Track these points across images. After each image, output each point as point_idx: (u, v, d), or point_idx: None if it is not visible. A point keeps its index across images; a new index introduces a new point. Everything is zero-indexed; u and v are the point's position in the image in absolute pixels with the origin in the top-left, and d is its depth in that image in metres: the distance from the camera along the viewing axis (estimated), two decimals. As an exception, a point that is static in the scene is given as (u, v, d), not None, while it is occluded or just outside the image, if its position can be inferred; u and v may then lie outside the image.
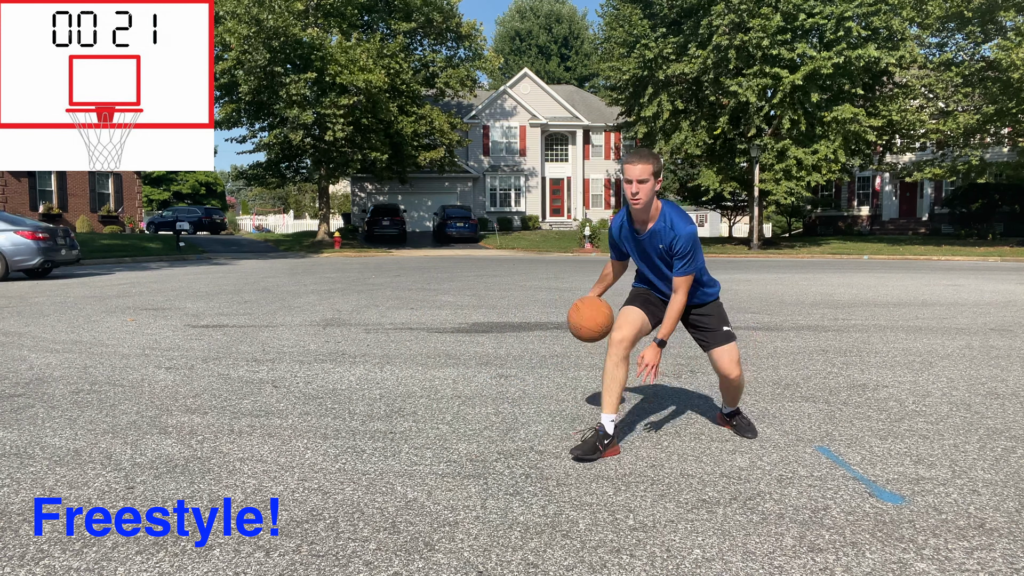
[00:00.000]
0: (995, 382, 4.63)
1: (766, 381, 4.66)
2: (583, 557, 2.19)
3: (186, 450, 3.22)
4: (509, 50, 61.16)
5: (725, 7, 26.13)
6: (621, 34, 29.74)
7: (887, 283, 12.82)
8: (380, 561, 2.16)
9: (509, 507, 2.58)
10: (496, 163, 42.11)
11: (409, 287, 11.88)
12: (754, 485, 2.79)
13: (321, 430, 3.53)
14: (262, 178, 33.28)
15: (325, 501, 2.63)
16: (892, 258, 24.40)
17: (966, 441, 3.36)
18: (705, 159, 31.00)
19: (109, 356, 5.54)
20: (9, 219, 14.01)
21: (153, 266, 19.00)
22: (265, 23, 24.94)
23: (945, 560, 2.17)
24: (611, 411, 3.11)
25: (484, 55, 33.54)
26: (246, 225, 60.41)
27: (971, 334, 6.68)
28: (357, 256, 26.11)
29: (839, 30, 25.55)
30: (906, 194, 39.54)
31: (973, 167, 28.78)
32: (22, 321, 7.59)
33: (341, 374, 4.88)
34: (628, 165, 3.03)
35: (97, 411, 3.89)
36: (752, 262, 22.07)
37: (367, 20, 31.91)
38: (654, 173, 3.00)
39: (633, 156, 3.03)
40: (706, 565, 2.14)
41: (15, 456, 3.14)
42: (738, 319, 7.77)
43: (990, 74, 26.96)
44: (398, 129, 29.96)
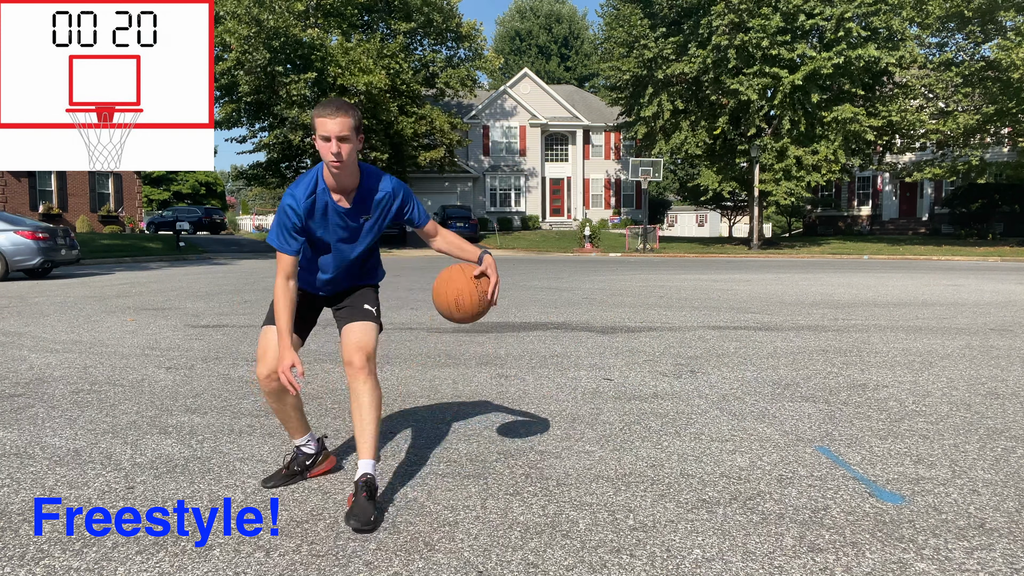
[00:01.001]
0: (995, 382, 4.63)
1: (766, 381, 4.66)
2: (583, 557, 2.19)
3: (186, 450, 3.22)
4: (509, 50, 61.16)
5: (725, 7, 26.15)
6: (621, 34, 29.76)
7: (887, 283, 12.82)
8: (380, 561, 2.16)
9: (509, 507, 2.58)
10: (496, 163, 42.11)
11: (409, 287, 11.88)
12: (754, 485, 2.79)
13: (321, 430, 3.53)
14: (262, 178, 33.30)
15: (325, 501, 2.63)
16: (892, 258, 24.40)
17: (966, 441, 3.36)
18: (705, 159, 31.03)
19: (109, 356, 5.54)
20: (9, 219, 14.01)
21: (153, 266, 19.00)
22: (265, 23, 24.95)
23: (945, 560, 2.17)
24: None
25: (484, 55, 33.55)
26: (246, 225, 60.40)
27: (971, 334, 6.68)
28: (357, 256, 26.08)
29: (839, 30, 25.56)
30: (906, 194, 39.55)
31: (973, 167, 28.79)
32: (22, 321, 7.59)
33: (341, 374, 4.88)
34: (328, 119, 2.40)
35: (97, 411, 3.89)
36: (752, 262, 22.07)
37: (367, 20, 31.93)
38: (355, 128, 2.45)
39: (331, 105, 2.43)
40: (706, 565, 2.14)
41: (15, 456, 3.14)
42: (738, 319, 7.77)
43: (990, 74, 26.96)
44: (398, 129, 29.99)
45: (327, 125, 2.40)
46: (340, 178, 2.51)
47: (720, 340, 6.28)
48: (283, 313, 2.53)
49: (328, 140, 2.40)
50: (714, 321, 7.59)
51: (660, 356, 5.56)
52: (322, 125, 2.40)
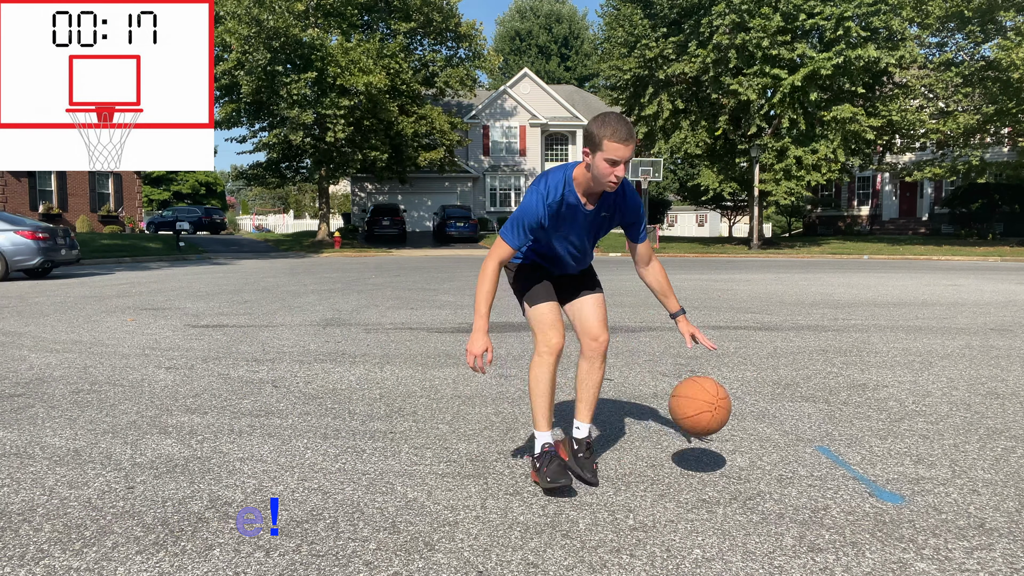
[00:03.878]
0: (995, 382, 4.63)
1: (766, 381, 4.66)
2: (583, 557, 2.19)
3: (186, 450, 3.22)
4: (509, 50, 61.15)
5: (726, 7, 26.14)
6: (621, 34, 29.74)
7: (887, 283, 12.82)
8: (380, 561, 2.16)
9: (509, 507, 2.58)
10: (496, 163, 42.10)
11: (409, 287, 11.89)
12: (754, 485, 2.79)
13: (321, 430, 3.53)
14: (262, 178, 33.29)
15: (325, 501, 2.63)
16: (892, 258, 24.40)
17: (966, 441, 3.36)
18: (705, 159, 31.01)
19: (109, 356, 5.54)
20: (9, 219, 14.01)
21: (153, 266, 19.00)
22: (265, 23, 24.94)
23: (945, 560, 2.17)
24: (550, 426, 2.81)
25: (484, 55, 33.53)
26: (246, 225, 60.42)
27: (971, 334, 6.68)
28: (357, 256, 26.11)
29: (839, 30, 25.56)
30: (906, 194, 39.55)
31: (973, 167, 28.78)
32: (22, 321, 7.59)
33: (341, 374, 4.88)
34: (622, 145, 2.40)
35: (97, 411, 3.89)
36: (752, 262, 22.07)
37: (367, 20, 31.91)
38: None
39: (624, 130, 2.41)
40: (706, 565, 2.14)
41: (15, 456, 3.14)
42: (738, 319, 7.77)
43: (990, 74, 26.96)
44: (399, 129, 29.98)
45: (620, 151, 2.41)
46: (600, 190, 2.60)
47: (720, 340, 6.28)
48: (486, 298, 2.62)
49: (616, 164, 2.43)
50: (714, 321, 7.59)
51: (660, 356, 5.56)
52: (615, 150, 2.41)
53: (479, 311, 2.60)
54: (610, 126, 2.41)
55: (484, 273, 2.63)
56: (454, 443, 3.33)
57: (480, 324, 2.58)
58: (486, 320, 2.58)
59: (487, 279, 2.62)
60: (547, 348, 2.72)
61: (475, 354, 2.53)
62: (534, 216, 2.58)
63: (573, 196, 2.60)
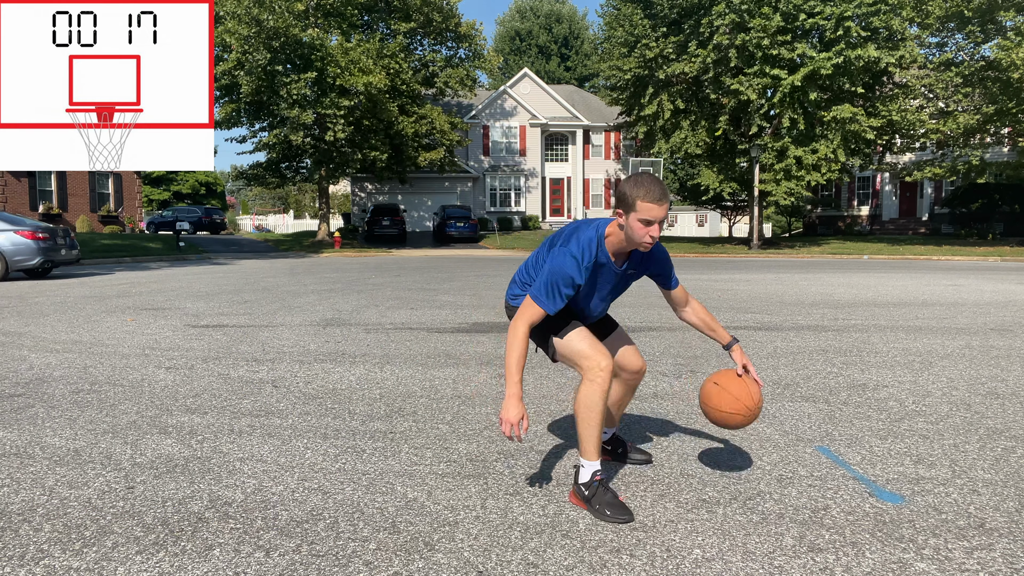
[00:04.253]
0: (995, 382, 4.63)
1: (766, 381, 4.65)
2: (583, 557, 2.19)
3: (186, 450, 3.22)
4: (509, 50, 61.16)
5: (725, 7, 26.14)
6: (621, 34, 29.74)
7: (887, 283, 12.82)
8: (380, 561, 2.16)
9: (509, 507, 2.58)
10: (496, 163, 42.11)
11: (409, 287, 11.89)
12: (754, 485, 2.79)
13: (321, 430, 3.53)
14: (262, 178, 33.29)
15: (325, 501, 2.63)
16: (892, 258, 24.40)
17: (966, 441, 3.36)
18: (705, 159, 31.01)
19: (109, 356, 5.54)
20: (9, 219, 14.01)
21: (153, 266, 19.00)
22: (265, 23, 24.94)
23: (945, 560, 2.17)
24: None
25: (484, 55, 33.54)
26: (246, 225, 60.45)
27: (971, 334, 6.68)
28: (357, 256, 26.12)
29: (839, 30, 25.56)
30: (906, 194, 39.55)
31: (973, 167, 28.77)
32: (22, 321, 7.60)
33: (341, 374, 4.88)
34: (656, 205, 2.39)
35: (97, 411, 3.90)
36: (752, 262, 22.07)
37: (367, 20, 31.93)
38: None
39: (658, 190, 2.41)
40: (706, 565, 2.14)
41: (15, 456, 3.14)
42: (738, 319, 7.77)
43: (990, 74, 26.95)
44: (399, 129, 29.98)
45: (655, 211, 2.40)
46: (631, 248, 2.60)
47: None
48: (518, 362, 2.47)
49: (651, 224, 2.42)
50: (714, 321, 7.58)
51: (660, 356, 5.56)
52: (649, 210, 2.40)
53: (511, 378, 2.45)
54: (643, 186, 2.40)
55: (515, 336, 2.49)
56: (454, 443, 3.33)
57: (514, 391, 2.44)
58: (519, 386, 2.45)
59: (518, 343, 2.48)
60: (600, 371, 2.51)
61: (511, 422, 2.42)
62: (569, 279, 2.50)
63: (604, 256, 2.58)
